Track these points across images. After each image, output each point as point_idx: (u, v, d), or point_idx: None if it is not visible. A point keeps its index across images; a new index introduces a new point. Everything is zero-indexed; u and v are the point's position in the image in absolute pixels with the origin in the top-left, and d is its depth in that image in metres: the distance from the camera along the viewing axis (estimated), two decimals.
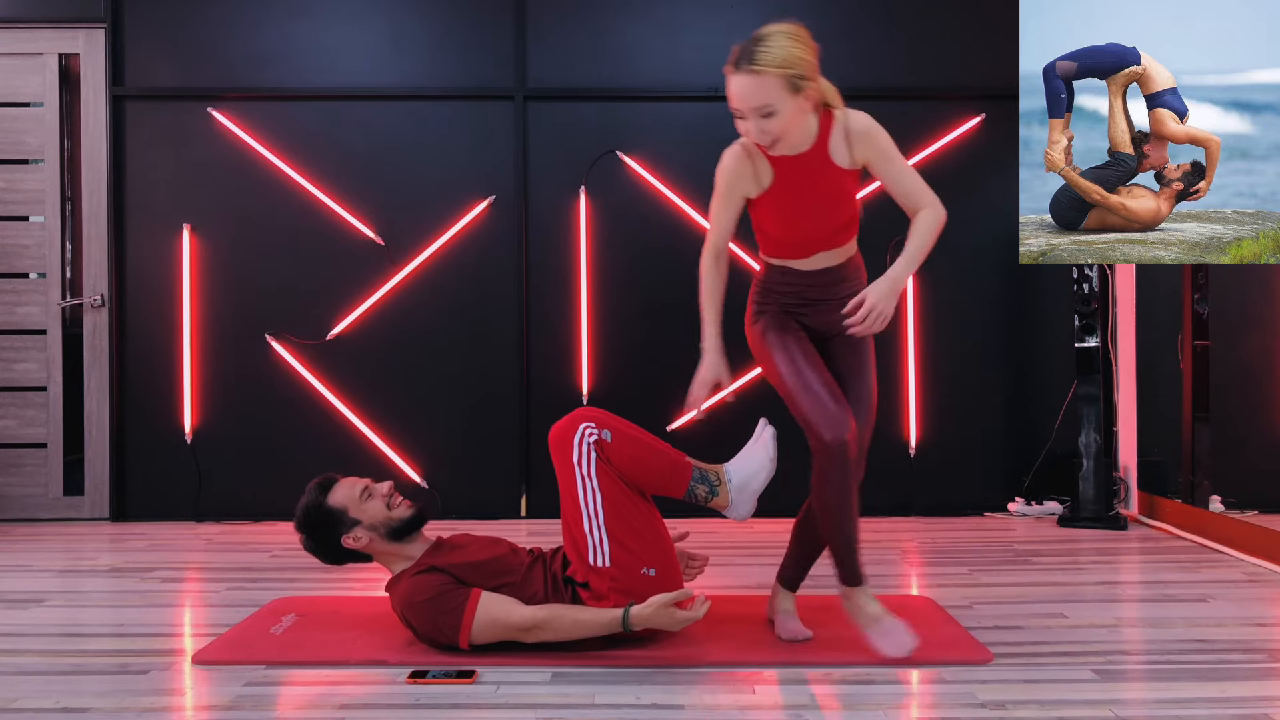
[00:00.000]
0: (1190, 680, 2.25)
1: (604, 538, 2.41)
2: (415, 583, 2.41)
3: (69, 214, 4.56)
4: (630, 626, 2.34)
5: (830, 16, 4.50)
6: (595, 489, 2.43)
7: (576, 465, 2.44)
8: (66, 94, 4.52)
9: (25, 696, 2.20)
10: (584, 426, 2.45)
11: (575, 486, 2.44)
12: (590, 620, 2.37)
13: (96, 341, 4.47)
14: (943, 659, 2.39)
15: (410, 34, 4.49)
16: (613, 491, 2.43)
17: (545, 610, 2.38)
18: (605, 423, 2.47)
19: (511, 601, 2.39)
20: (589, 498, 2.43)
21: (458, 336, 4.48)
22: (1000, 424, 4.53)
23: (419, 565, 2.47)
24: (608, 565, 2.41)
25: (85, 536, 4.12)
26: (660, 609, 2.33)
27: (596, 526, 2.42)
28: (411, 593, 2.40)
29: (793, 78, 2.16)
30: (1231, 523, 3.73)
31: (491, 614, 2.36)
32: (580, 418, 2.47)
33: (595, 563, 2.41)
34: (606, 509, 2.42)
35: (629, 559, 2.41)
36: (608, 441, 2.44)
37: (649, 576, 2.41)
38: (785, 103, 2.17)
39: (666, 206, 4.46)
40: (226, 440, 4.46)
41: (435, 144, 4.48)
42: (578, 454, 2.44)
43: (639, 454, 2.47)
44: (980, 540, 3.91)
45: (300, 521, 2.53)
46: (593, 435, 2.44)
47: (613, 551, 2.41)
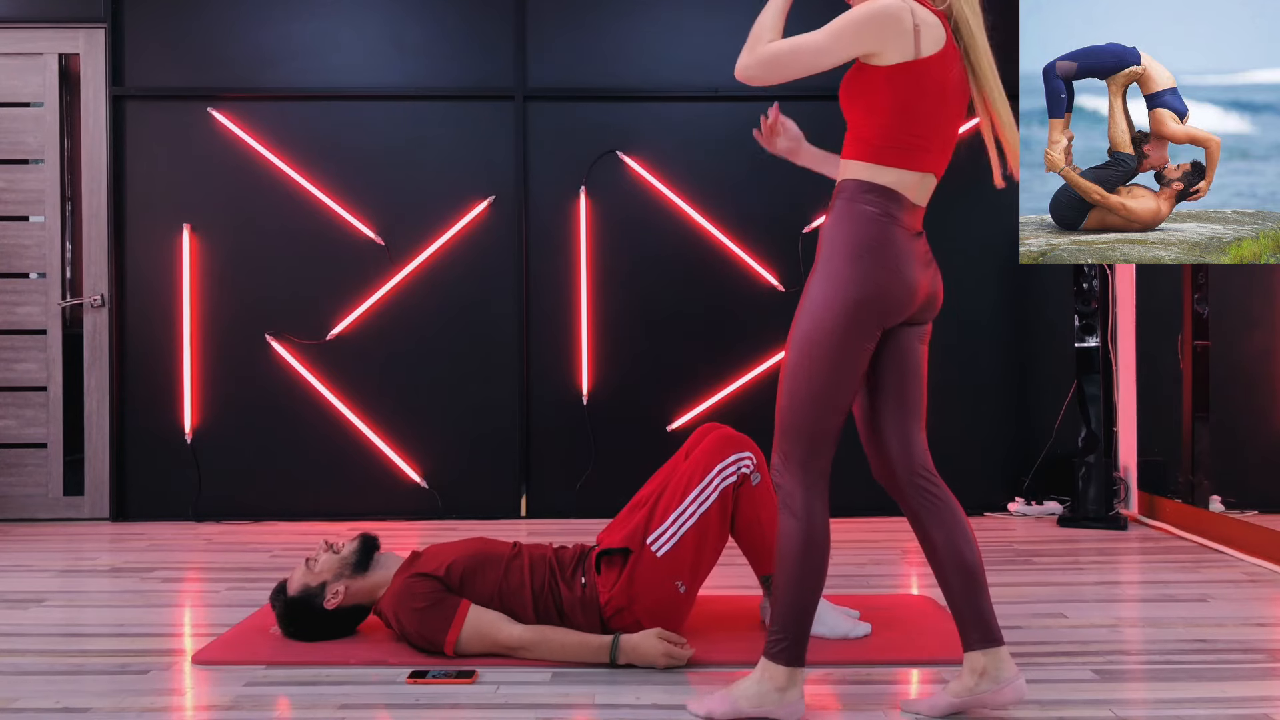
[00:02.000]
0: (1190, 680, 2.25)
1: (679, 534, 2.43)
2: (408, 584, 2.42)
3: (69, 214, 4.56)
4: (617, 656, 2.34)
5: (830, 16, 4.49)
6: (711, 500, 2.46)
7: (718, 469, 2.47)
8: (66, 94, 4.52)
9: (25, 696, 2.20)
10: (748, 455, 2.50)
11: (699, 482, 2.46)
12: (577, 644, 2.37)
13: (96, 341, 4.47)
14: (943, 658, 2.39)
15: (410, 34, 4.49)
16: (718, 517, 2.46)
17: (533, 632, 2.39)
18: (764, 469, 2.51)
19: (501, 618, 2.40)
20: (700, 501, 2.45)
21: (458, 336, 4.48)
22: (1000, 424, 4.53)
23: (406, 573, 2.47)
24: (660, 554, 2.42)
25: (85, 536, 4.12)
26: (653, 638, 2.34)
27: (683, 523, 2.44)
28: (404, 595, 2.41)
29: None
30: (1231, 523, 3.73)
31: (479, 628, 2.37)
32: (753, 445, 2.52)
33: (654, 544, 2.43)
34: (702, 521, 2.45)
35: (676, 566, 2.43)
36: (754, 485, 2.49)
37: (678, 590, 2.44)
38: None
39: (666, 207, 4.46)
40: (226, 440, 4.46)
41: (435, 144, 4.48)
42: (725, 465, 2.48)
43: (768, 516, 2.49)
44: (980, 540, 3.89)
45: (288, 629, 2.55)
46: (749, 468, 2.49)
47: (674, 549, 2.43)
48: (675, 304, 4.43)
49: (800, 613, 1.99)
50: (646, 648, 2.33)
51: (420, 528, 4.25)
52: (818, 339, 1.96)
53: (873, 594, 3.08)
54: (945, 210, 4.52)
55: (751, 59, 1.99)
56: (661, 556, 2.42)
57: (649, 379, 4.43)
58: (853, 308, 1.94)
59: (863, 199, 1.98)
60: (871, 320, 1.96)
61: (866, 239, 1.95)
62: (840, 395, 1.98)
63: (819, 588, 2.01)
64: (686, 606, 2.48)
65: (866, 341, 1.97)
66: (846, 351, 1.95)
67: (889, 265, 1.95)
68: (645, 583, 2.41)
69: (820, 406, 1.97)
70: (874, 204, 1.97)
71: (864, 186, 1.98)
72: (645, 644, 2.33)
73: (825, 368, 1.96)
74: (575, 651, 2.37)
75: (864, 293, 1.94)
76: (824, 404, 1.97)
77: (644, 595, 2.40)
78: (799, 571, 1.98)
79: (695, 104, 4.47)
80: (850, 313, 1.94)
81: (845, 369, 1.96)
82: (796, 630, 1.99)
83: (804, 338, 1.98)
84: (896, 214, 1.98)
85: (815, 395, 1.97)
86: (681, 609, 2.47)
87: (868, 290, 1.94)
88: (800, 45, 1.95)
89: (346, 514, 4.41)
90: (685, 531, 2.43)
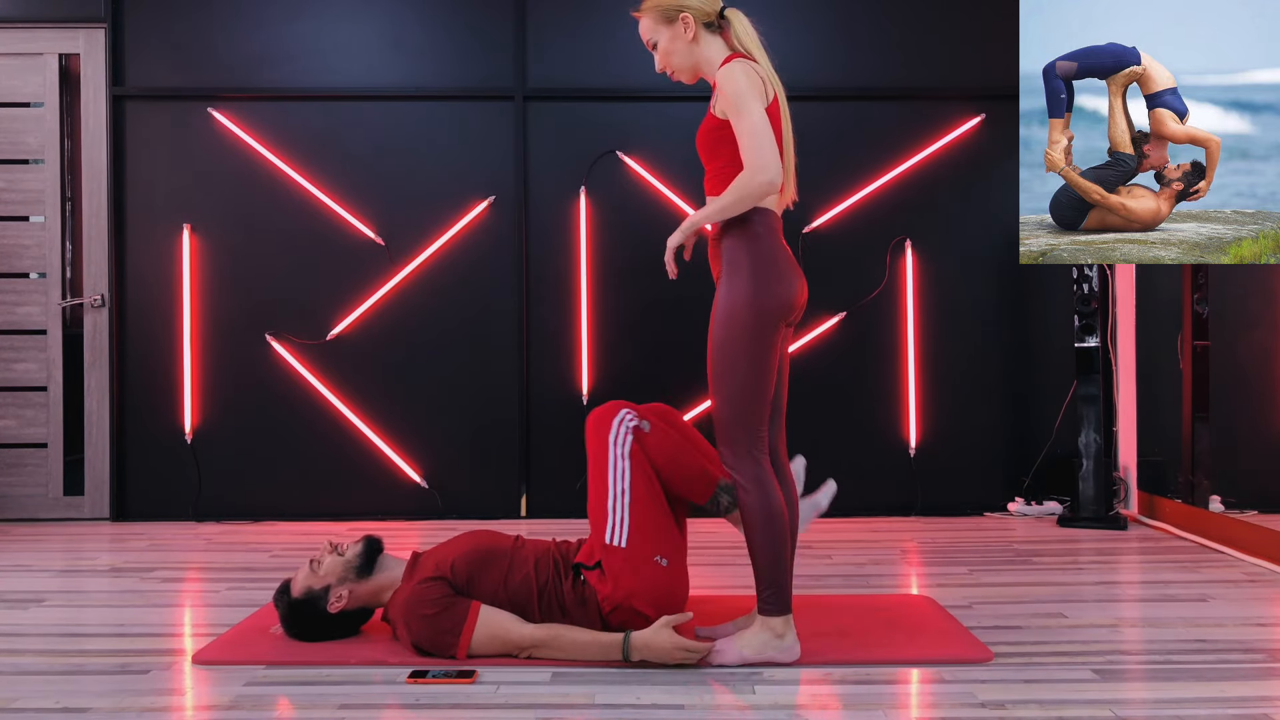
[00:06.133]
0: (1190, 680, 2.25)
1: (625, 516, 2.41)
2: (417, 591, 2.41)
3: (69, 214, 4.56)
4: (630, 654, 2.33)
5: (830, 16, 4.50)
6: (626, 469, 2.44)
7: (611, 444, 2.46)
8: (66, 94, 4.52)
9: (25, 696, 2.20)
10: (624, 411, 2.49)
11: (606, 462, 2.45)
12: (589, 642, 2.36)
13: (96, 341, 4.47)
14: (943, 658, 2.39)
15: (410, 34, 4.49)
16: (642, 477, 2.44)
17: (545, 630, 2.38)
18: (645, 413, 2.52)
19: (512, 618, 2.39)
20: (618, 476, 2.44)
21: (458, 336, 4.48)
22: (1000, 424, 4.53)
23: (413, 577, 2.47)
24: (623, 545, 2.40)
25: (85, 536, 4.12)
26: (664, 632, 2.32)
27: (621, 505, 2.42)
28: (413, 602, 2.40)
29: (664, 10, 2.43)
30: (1231, 523, 3.73)
31: (491, 629, 2.37)
32: (621, 403, 2.52)
33: (612, 540, 2.41)
34: (634, 491, 2.43)
35: (644, 543, 2.41)
36: (645, 431, 2.47)
37: (660, 565, 2.41)
38: (661, 33, 2.45)
39: (667, 206, 4.46)
40: (226, 440, 4.46)
41: (435, 144, 4.48)
42: (615, 434, 2.47)
43: (675, 448, 2.48)
44: (980, 540, 3.91)
45: (292, 630, 2.55)
46: (632, 420, 2.48)
47: (631, 533, 2.41)
48: (675, 304, 4.43)
49: (778, 567, 2.35)
50: (658, 642, 2.32)
51: (420, 528, 4.25)
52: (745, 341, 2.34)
53: (873, 594, 3.07)
54: (945, 211, 4.53)
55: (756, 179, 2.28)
56: (626, 546, 2.40)
57: (649, 379, 4.43)
58: (765, 312, 2.33)
59: (755, 221, 2.36)
60: (778, 320, 2.36)
61: (764, 254, 2.35)
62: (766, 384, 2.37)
63: (785, 538, 2.36)
64: (679, 579, 2.45)
65: (775, 336, 2.37)
66: (764, 348, 2.34)
67: (784, 274, 2.36)
68: (628, 576, 2.39)
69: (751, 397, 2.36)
70: (762, 224, 2.37)
71: (751, 212, 2.36)
72: (656, 639, 2.33)
73: (747, 365, 2.33)
74: (588, 650, 2.36)
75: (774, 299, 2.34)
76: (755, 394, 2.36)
77: (633, 587, 2.38)
78: (768, 534, 2.34)
79: (695, 104, 4.47)
80: (764, 315, 2.33)
81: (765, 363, 2.35)
82: (780, 581, 2.35)
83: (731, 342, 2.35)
84: (776, 229, 2.40)
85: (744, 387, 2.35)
86: (675, 583, 2.43)
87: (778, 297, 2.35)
88: (756, 131, 2.28)
89: (346, 514, 4.41)
90: (629, 512, 2.42)
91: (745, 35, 2.44)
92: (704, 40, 2.44)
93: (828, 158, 4.47)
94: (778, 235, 2.40)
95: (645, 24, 2.47)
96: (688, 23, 2.42)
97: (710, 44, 2.44)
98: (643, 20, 2.48)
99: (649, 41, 2.48)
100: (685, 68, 2.48)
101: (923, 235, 4.50)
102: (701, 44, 2.44)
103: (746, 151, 2.29)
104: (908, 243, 4.49)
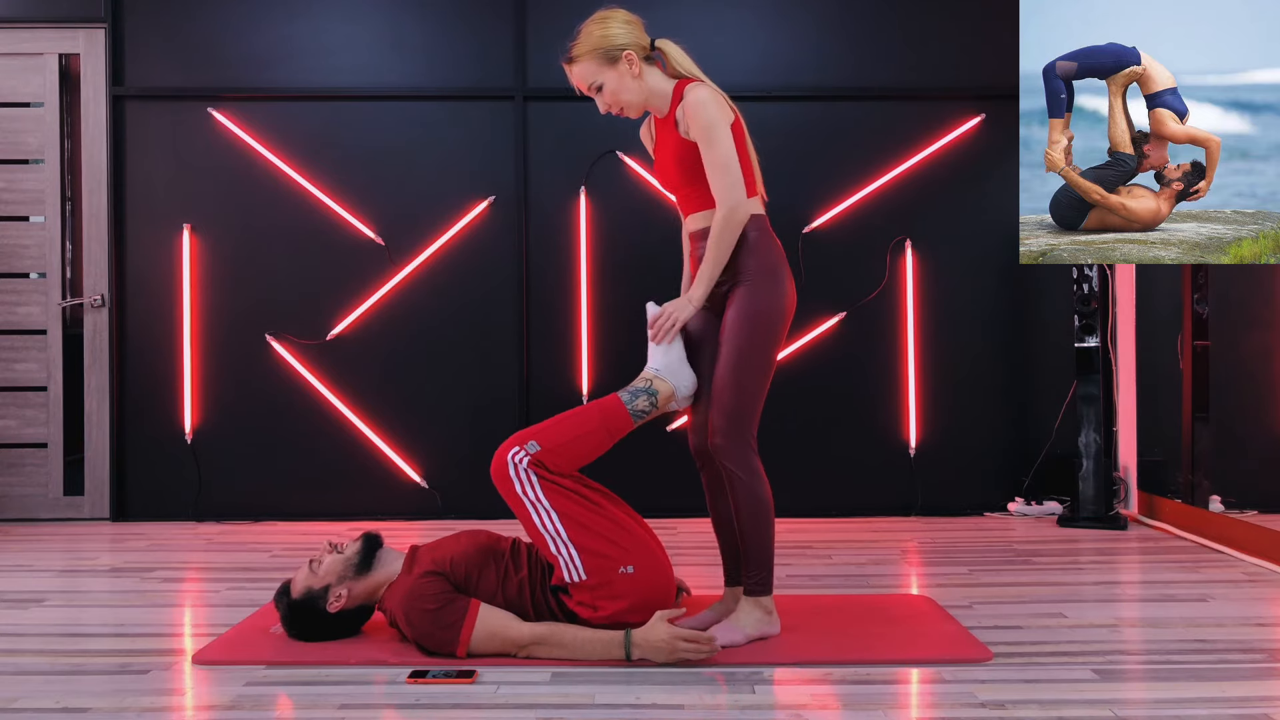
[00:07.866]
0: (1190, 680, 2.25)
1: (572, 553, 2.39)
2: (418, 585, 2.41)
3: (69, 214, 4.56)
4: (631, 651, 2.33)
5: (830, 16, 4.50)
6: (548, 509, 2.41)
7: (522, 495, 2.42)
8: (66, 94, 4.52)
9: (25, 696, 2.20)
10: (510, 453, 2.43)
11: (529, 514, 2.42)
12: (590, 639, 2.36)
13: (96, 341, 4.47)
14: (942, 658, 2.39)
15: (410, 34, 4.49)
16: (566, 504, 2.41)
17: (545, 628, 2.38)
18: (526, 436, 2.46)
19: (511, 617, 2.39)
20: (545, 520, 2.41)
21: (458, 336, 4.48)
22: (1000, 424, 4.53)
23: (411, 570, 2.47)
24: (584, 578, 2.39)
25: (85, 536, 4.12)
26: (660, 627, 2.33)
27: (562, 545, 2.40)
28: (414, 596, 2.39)
29: (606, 51, 2.51)
30: (1231, 523, 3.73)
31: (490, 627, 2.36)
32: (505, 446, 2.46)
33: (571, 579, 2.40)
34: (566, 525, 2.40)
35: (603, 564, 2.39)
36: (536, 453, 2.43)
37: (628, 574, 2.39)
38: (606, 75, 2.53)
39: (667, 206, 4.45)
40: (226, 440, 4.46)
41: (435, 144, 4.48)
42: (518, 482, 2.42)
43: (569, 438, 2.46)
44: (980, 540, 3.91)
45: (293, 630, 2.54)
46: (522, 457, 2.42)
47: (585, 562, 2.39)
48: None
49: (766, 550, 2.51)
50: (654, 636, 2.33)
51: (420, 528, 4.25)
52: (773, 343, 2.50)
53: (873, 594, 3.08)
54: (945, 211, 4.53)
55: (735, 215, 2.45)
56: (588, 578, 2.39)
57: None
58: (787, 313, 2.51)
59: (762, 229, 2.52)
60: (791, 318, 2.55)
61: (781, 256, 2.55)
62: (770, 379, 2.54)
63: (773, 524, 2.52)
64: (653, 572, 2.43)
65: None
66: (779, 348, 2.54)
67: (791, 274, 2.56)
68: (604, 602, 2.39)
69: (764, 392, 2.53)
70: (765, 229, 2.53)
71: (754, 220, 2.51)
72: (652, 633, 2.33)
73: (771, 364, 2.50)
74: (588, 647, 2.36)
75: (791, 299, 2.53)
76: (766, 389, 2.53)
77: (613, 609, 2.38)
78: (759, 519, 2.49)
79: None
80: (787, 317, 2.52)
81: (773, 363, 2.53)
82: (767, 563, 2.52)
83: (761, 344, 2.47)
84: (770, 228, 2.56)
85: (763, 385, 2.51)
86: (651, 580, 2.41)
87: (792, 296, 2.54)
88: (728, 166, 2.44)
89: (346, 514, 4.41)
90: (571, 545, 2.39)
91: (683, 61, 2.55)
92: (647, 73, 2.54)
93: (828, 158, 4.47)
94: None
95: (582, 69, 2.54)
96: (631, 60, 2.52)
97: (652, 75, 2.55)
98: (578, 67, 2.55)
99: (590, 86, 2.56)
100: (636, 104, 2.57)
101: (923, 235, 4.50)
102: (646, 77, 2.54)
103: (719, 187, 2.43)
104: (908, 243, 4.49)
